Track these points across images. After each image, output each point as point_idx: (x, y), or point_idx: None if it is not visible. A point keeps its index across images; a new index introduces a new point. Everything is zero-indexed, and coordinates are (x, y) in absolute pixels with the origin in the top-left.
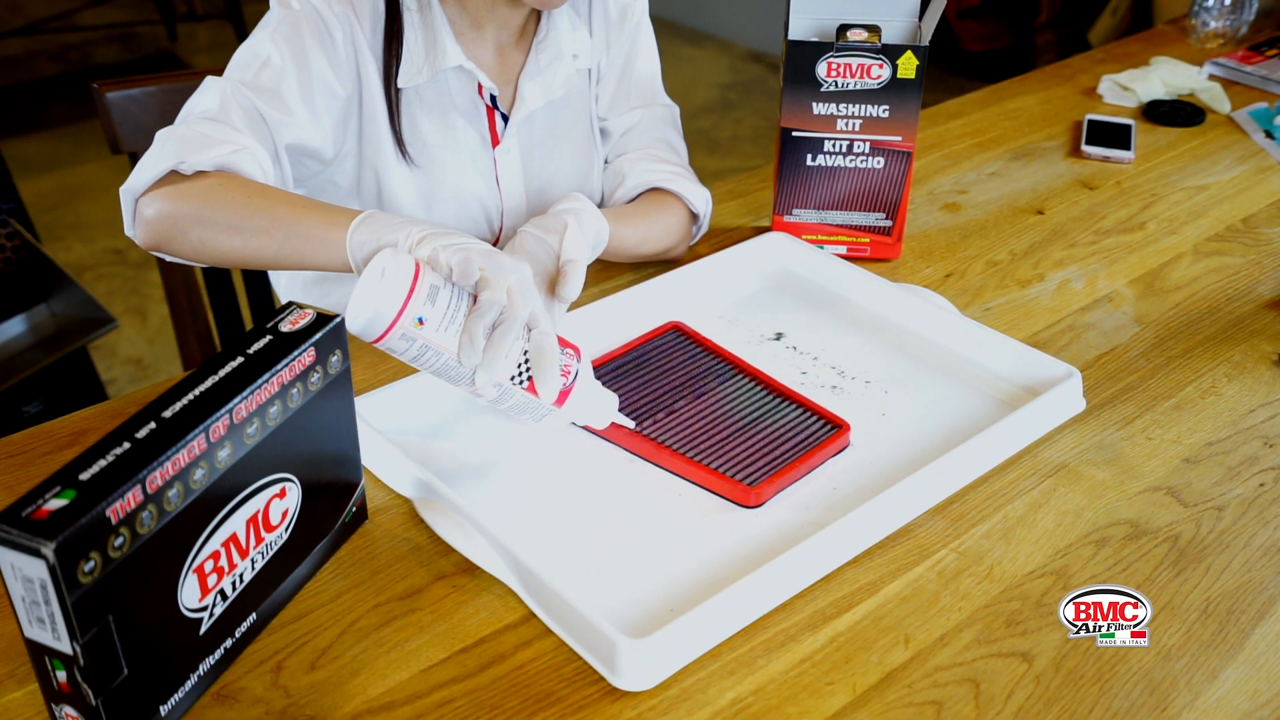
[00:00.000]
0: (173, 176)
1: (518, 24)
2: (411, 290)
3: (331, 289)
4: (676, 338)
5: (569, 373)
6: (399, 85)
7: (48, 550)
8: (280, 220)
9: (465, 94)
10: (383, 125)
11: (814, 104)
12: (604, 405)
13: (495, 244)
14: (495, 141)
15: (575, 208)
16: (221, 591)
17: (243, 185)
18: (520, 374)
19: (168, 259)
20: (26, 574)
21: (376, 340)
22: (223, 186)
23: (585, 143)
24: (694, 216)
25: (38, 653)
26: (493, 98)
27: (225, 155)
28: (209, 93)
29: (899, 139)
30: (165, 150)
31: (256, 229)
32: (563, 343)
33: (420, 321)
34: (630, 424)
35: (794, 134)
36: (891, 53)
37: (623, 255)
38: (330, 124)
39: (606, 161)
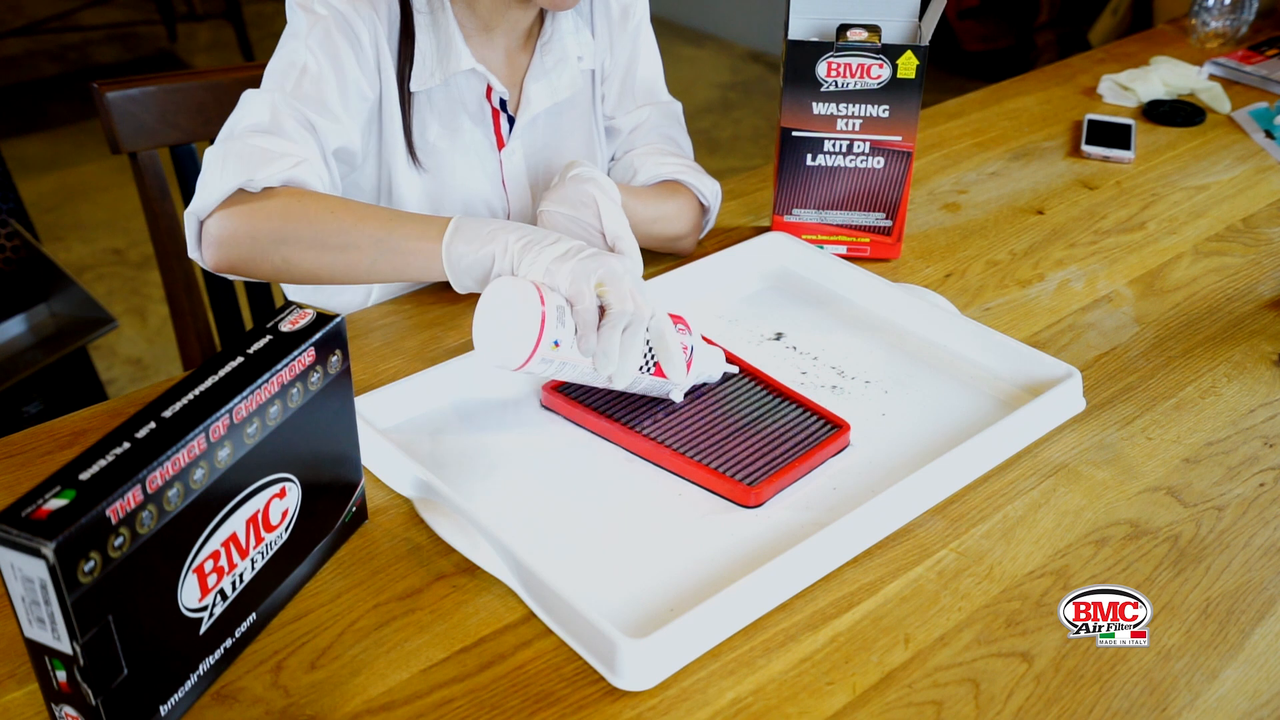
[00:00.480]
0: (240, 195)
1: (525, 26)
2: (544, 320)
3: (337, 291)
4: None
5: (687, 348)
6: (412, 89)
7: (48, 550)
8: (370, 235)
9: (474, 97)
10: (397, 127)
11: (814, 104)
12: (715, 363)
13: None
14: (501, 143)
15: (591, 175)
16: (221, 591)
17: (319, 200)
18: (647, 362)
19: (242, 279)
20: (26, 574)
21: (516, 369)
22: (299, 202)
23: (589, 143)
24: (703, 209)
25: (38, 653)
26: (502, 101)
27: (289, 169)
28: (255, 106)
29: (899, 139)
30: (227, 168)
31: (345, 245)
32: (673, 319)
33: (556, 344)
34: (734, 369)
35: (794, 134)
36: (891, 53)
37: (635, 233)
38: (362, 127)
39: (614, 159)
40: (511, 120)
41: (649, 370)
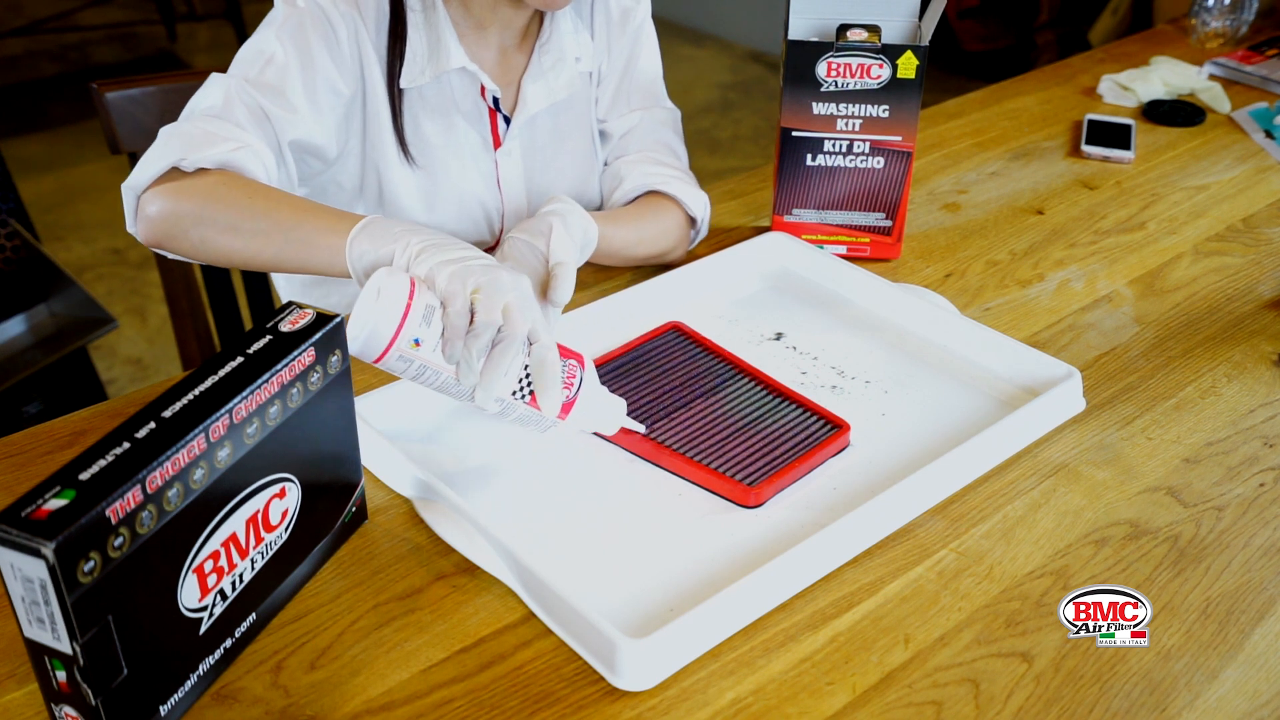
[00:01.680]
0: (175, 174)
1: (521, 25)
2: (406, 312)
3: (332, 290)
4: (676, 338)
5: (572, 384)
6: (401, 86)
7: (47, 550)
8: (281, 223)
9: (468, 96)
10: (385, 125)
11: (814, 104)
12: (611, 412)
13: (496, 246)
14: (497, 143)
15: (560, 209)
16: (221, 591)
17: (244, 185)
18: (522, 388)
19: (169, 256)
20: (26, 574)
21: (374, 361)
22: (224, 186)
23: (586, 145)
24: (691, 221)
25: (38, 653)
26: (495, 100)
27: (227, 153)
28: (213, 89)
29: (899, 139)
30: (168, 147)
31: (256, 231)
32: (565, 352)
33: (416, 343)
34: (641, 429)
35: (794, 134)
36: (891, 53)
37: (616, 258)
38: (334, 123)
39: (606, 163)
40: (508, 120)
41: (523, 397)
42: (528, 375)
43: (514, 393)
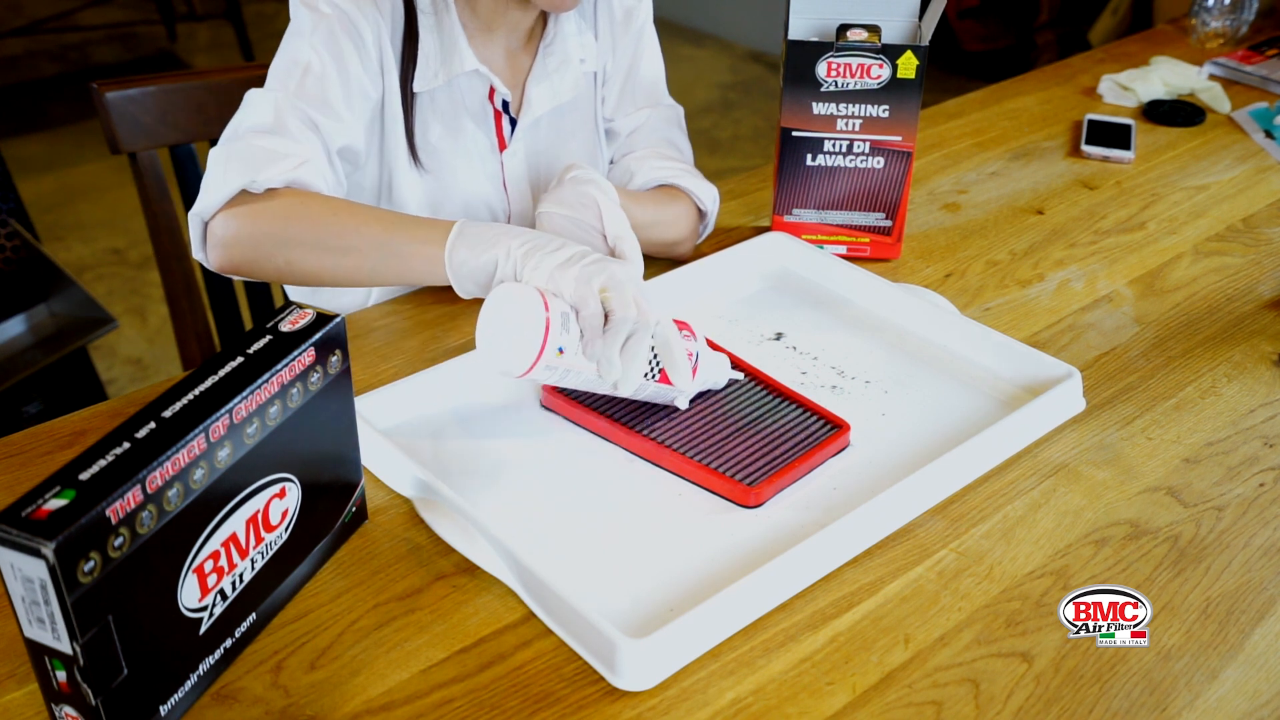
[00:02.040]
0: (244, 197)
1: (526, 27)
2: (547, 328)
3: (340, 292)
4: None
5: (692, 355)
6: (415, 89)
7: (47, 550)
8: (371, 238)
9: (476, 98)
10: (399, 128)
11: (814, 104)
12: (721, 369)
13: None
14: (502, 145)
15: (590, 176)
16: (221, 591)
17: (322, 202)
18: (652, 369)
19: (247, 279)
20: (26, 574)
21: (520, 376)
22: (302, 204)
23: (590, 145)
24: (701, 215)
25: (38, 653)
26: (504, 103)
27: (292, 169)
28: (258, 106)
29: (899, 139)
30: (230, 169)
31: (347, 248)
32: (678, 326)
33: (560, 351)
34: (740, 376)
35: (794, 134)
36: (891, 53)
37: None
38: (365, 126)
39: (612, 161)
40: (513, 122)
41: (654, 377)
42: (655, 357)
43: (645, 374)
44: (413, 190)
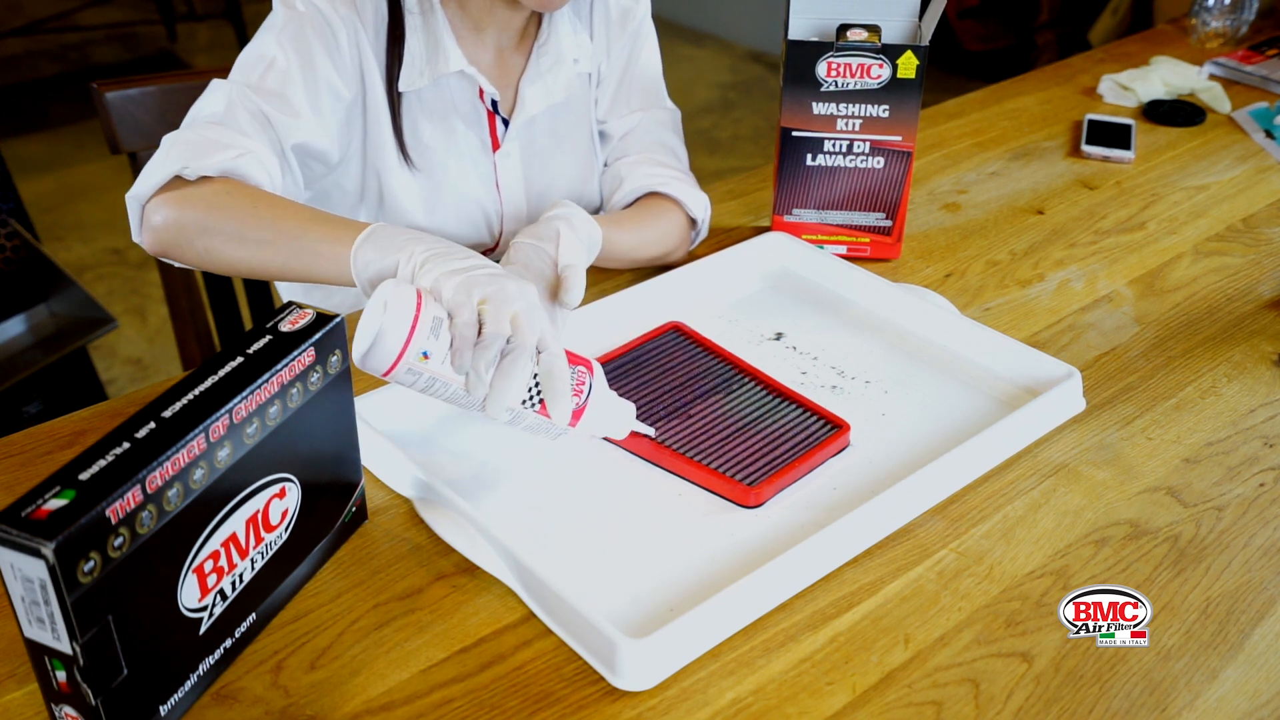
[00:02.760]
0: (179, 182)
1: (518, 27)
2: (414, 326)
3: (334, 290)
4: (676, 338)
5: (581, 391)
6: (400, 89)
7: (47, 550)
8: (285, 232)
9: (466, 98)
10: (385, 129)
11: (814, 104)
12: (621, 417)
13: (495, 248)
14: (496, 145)
15: (565, 214)
16: (221, 591)
17: (249, 194)
18: (532, 397)
19: (176, 265)
20: (26, 574)
21: (383, 375)
22: (228, 195)
23: (585, 146)
24: (692, 222)
25: (38, 653)
26: (494, 102)
27: (230, 160)
28: (214, 96)
29: (899, 139)
30: (170, 155)
31: (261, 240)
32: (574, 359)
33: (425, 356)
34: (650, 431)
35: (794, 134)
36: (891, 53)
37: (618, 260)
38: (335, 126)
39: (606, 164)
40: (506, 122)
41: (533, 406)
42: (537, 384)
43: (524, 402)
44: (406, 190)
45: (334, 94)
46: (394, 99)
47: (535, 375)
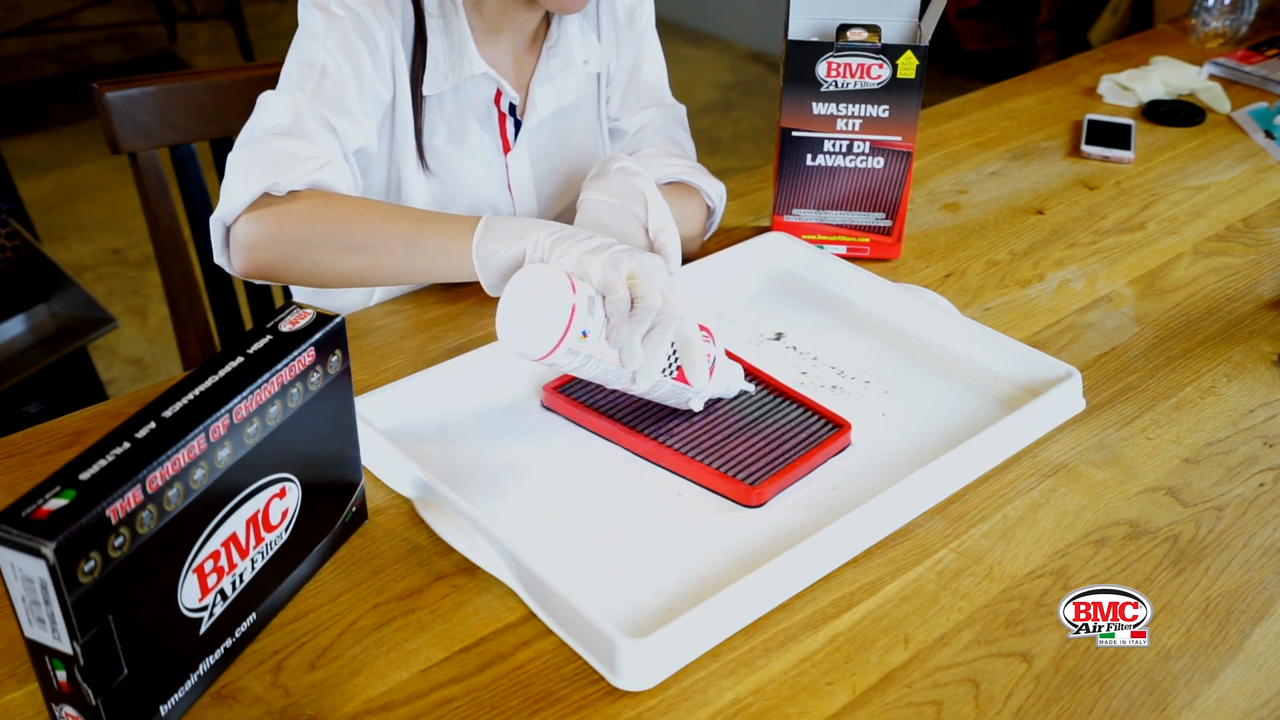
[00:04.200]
0: (265, 200)
1: (532, 29)
2: (573, 309)
3: (342, 291)
4: None
5: (710, 356)
6: (425, 93)
7: (48, 550)
8: (400, 236)
9: (482, 100)
10: (408, 131)
11: (814, 104)
12: (734, 377)
13: None
14: (507, 147)
15: (640, 171)
16: (221, 591)
17: (348, 202)
18: (670, 365)
19: (272, 283)
20: (26, 574)
21: (540, 359)
22: (327, 206)
23: (594, 145)
24: (709, 212)
25: (38, 653)
26: (511, 105)
27: (314, 171)
28: (275, 109)
29: (899, 139)
30: (251, 173)
31: (375, 246)
32: (700, 327)
33: (584, 335)
34: (751, 389)
35: (794, 134)
36: (891, 53)
37: None
38: (377, 129)
39: None
40: (518, 124)
41: (671, 374)
42: (674, 353)
43: (664, 370)
44: (420, 193)
45: (376, 97)
46: (417, 102)
47: (673, 345)
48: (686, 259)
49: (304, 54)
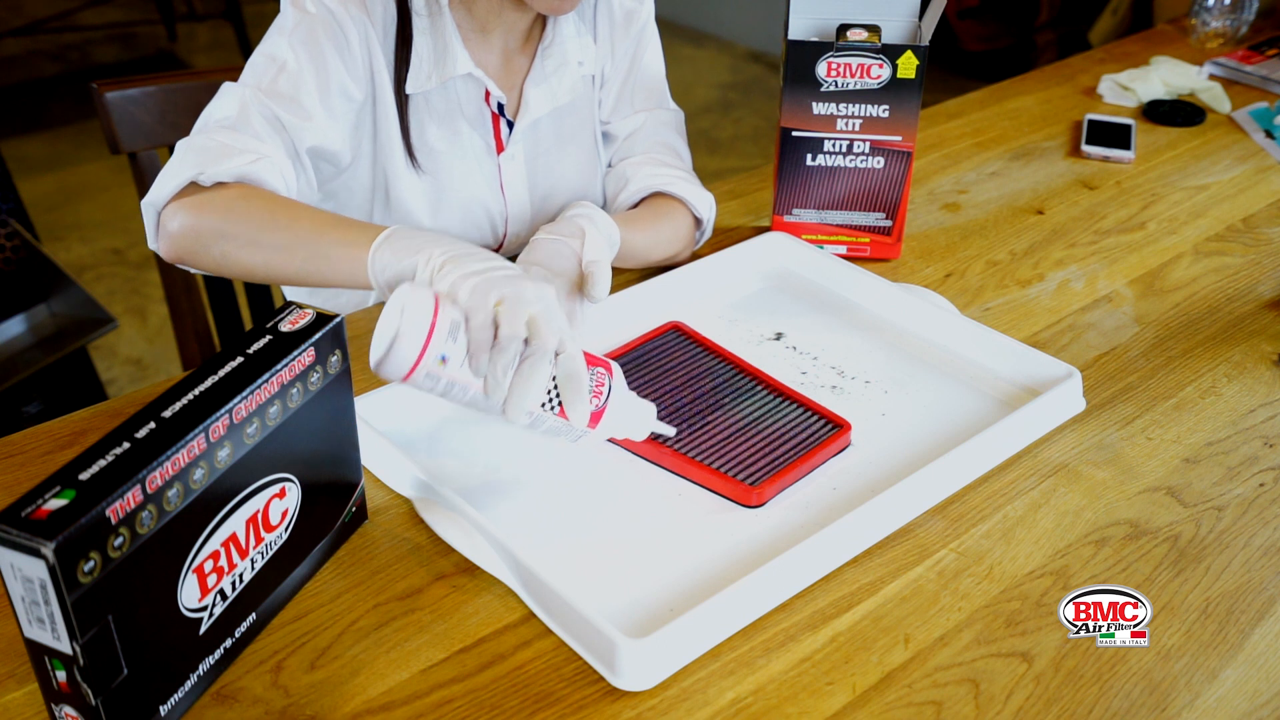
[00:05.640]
0: (194, 188)
1: (523, 29)
2: (431, 330)
3: (339, 290)
4: (676, 338)
5: (601, 393)
6: (408, 91)
7: (47, 550)
8: (301, 237)
9: (472, 101)
10: (394, 130)
11: (814, 104)
12: (641, 418)
13: (499, 250)
14: (500, 148)
15: (587, 213)
16: (221, 591)
17: (264, 199)
18: (551, 400)
19: (192, 270)
20: (26, 574)
21: (401, 380)
22: (244, 200)
23: (589, 148)
24: (698, 221)
25: (37, 653)
26: (500, 105)
27: (245, 165)
28: (227, 100)
29: (899, 139)
30: (185, 161)
31: (278, 245)
32: (593, 360)
33: (443, 360)
34: (670, 432)
35: (794, 134)
36: (891, 52)
37: (631, 261)
38: (347, 128)
39: (610, 165)
40: (511, 125)
41: (553, 409)
42: (556, 386)
43: (543, 405)
44: (411, 192)
45: (345, 95)
46: (401, 101)
47: (554, 378)
48: (670, 267)
49: (269, 47)
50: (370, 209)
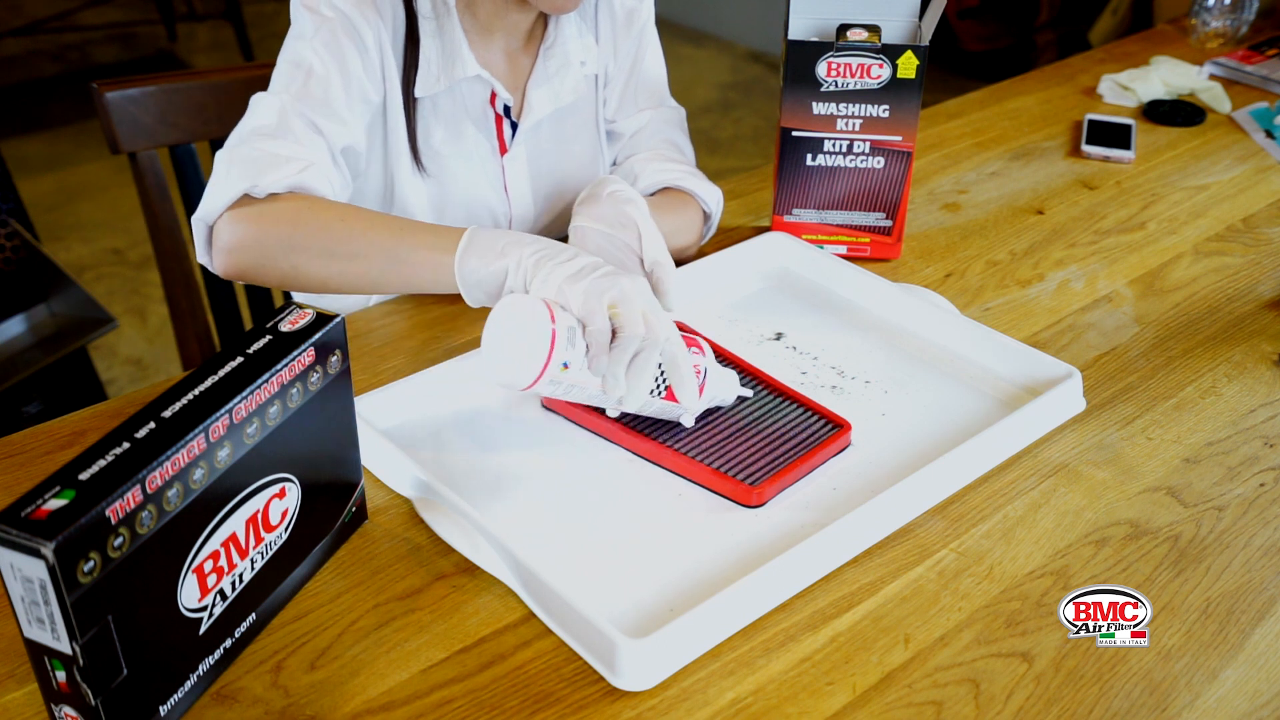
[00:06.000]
0: (247, 200)
1: (525, 29)
2: (553, 342)
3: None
4: None
5: (700, 371)
6: (416, 94)
7: (47, 550)
8: (379, 244)
9: (477, 102)
10: (401, 133)
11: (814, 104)
12: (729, 386)
13: None
14: (503, 149)
15: (633, 198)
16: (221, 591)
17: (329, 207)
18: (658, 386)
19: (252, 284)
20: (26, 574)
21: (524, 389)
22: (310, 210)
23: (591, 147)
24: (705, 217)
25: (37, 653)
26: (506, 108)
27: (296, 174)
28: (262, 109)
29: (899, 139)
30: (232, 174)
31: (354, 254)
32: (688, 341)
33: (565, 366)
34: (749, 394)
35: (794, 134)
36: (891, 52)
37: None
38: (365, 129)
39: (615, 163)
40: (514, 126)
41: (660, 394)
42: (662, 374)
43: (651, 392)
44: (415, 194)
45: (364, 98)
46: (410, 104)
47: (660, 366)
48: (682, 263)
49: (292, 54)
50: (379, 209)
